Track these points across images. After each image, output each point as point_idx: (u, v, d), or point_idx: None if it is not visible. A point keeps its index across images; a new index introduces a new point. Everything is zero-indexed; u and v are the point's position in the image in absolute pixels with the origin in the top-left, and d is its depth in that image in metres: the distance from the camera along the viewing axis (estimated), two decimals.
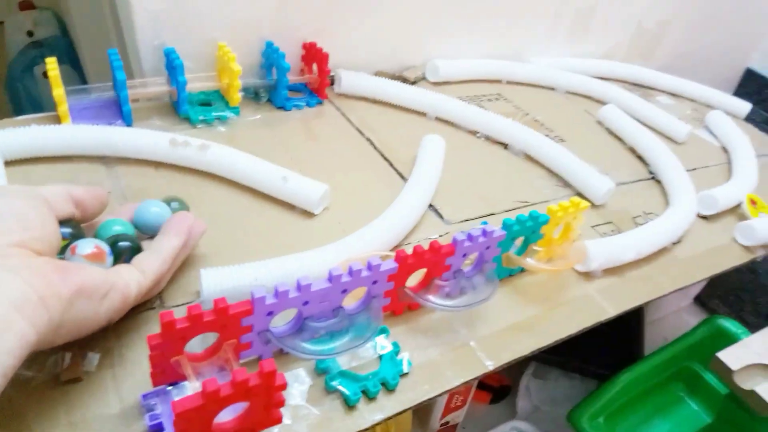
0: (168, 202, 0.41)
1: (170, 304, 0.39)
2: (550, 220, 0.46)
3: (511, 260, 0.46)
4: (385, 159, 0.59)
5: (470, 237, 0.41)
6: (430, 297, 0.41)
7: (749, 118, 0.97)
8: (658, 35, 1.03)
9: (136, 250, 0.37)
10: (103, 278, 0.31)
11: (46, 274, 0.28)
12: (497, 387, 0.75)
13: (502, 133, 0.66)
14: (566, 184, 0.62)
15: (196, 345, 0.33)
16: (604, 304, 0.48)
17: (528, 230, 0.45)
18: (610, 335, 0.77)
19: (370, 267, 0.37)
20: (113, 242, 0.36)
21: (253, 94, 0.63)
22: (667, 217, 0.57)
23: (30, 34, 1.09)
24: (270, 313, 0.34)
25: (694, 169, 0.73)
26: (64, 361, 0.32)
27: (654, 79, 0.95)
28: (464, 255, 0.42)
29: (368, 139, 0.62)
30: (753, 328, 0.60)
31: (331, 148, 0.59)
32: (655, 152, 0.69)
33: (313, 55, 0.64)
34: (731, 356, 0.59)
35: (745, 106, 0.95)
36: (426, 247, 0.40)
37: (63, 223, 0.34)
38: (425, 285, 0.42)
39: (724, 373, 0.58)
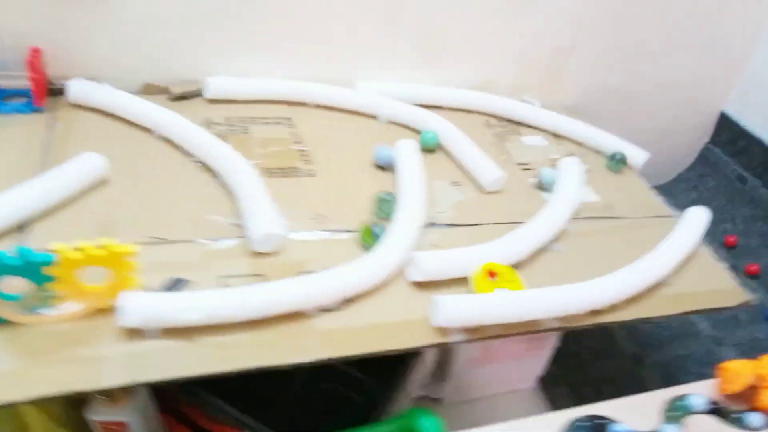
0: None
1: None
2: (61, 263, 0.39)
3: None
4: None
5: None
6: None
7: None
8: (562, 69, 0.88)
9: None
10: None
11: None
12: None
13: (212, 159, 0.58)
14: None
15: None
16: (111, 371, 0.40)
17: (12, 270, 0.38)
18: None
19: None
20: None
21: None
22: (311, 279, 0.47)
23: None
24: None
25: (478, 224, 0.61)
26: None
27: (531, 117, 0.82)
28: None
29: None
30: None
31: None
32: None
33: (34, 60, 0.61)
34: None
35: (642, 155, 0.78)
36: None
37: None
38: None
39: None
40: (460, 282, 0.53)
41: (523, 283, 0.53)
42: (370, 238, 0.54)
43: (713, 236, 1.03)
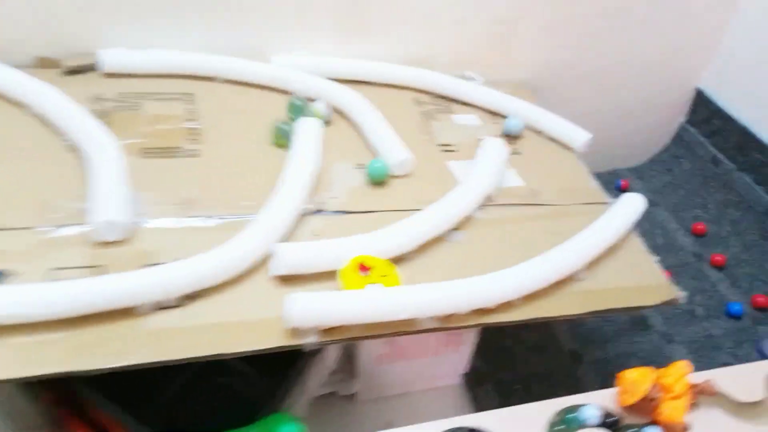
0: None
1: None
2: None
3: None
4: None
5: None
6: None
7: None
8: (509, 42, 0.81)
9: None
10: None
11: None
12: None
13: (79, 138, 0.54)
14: None
15: None
16: None
17: None
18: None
19: None
20: None
21: None
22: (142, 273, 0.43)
23: None
24: None
25: (373, 211, 0.56)
26: None
27: (467, 94, 0.75)
28: None
29: None
30: None
31: None
32: None
33: None
34: None
35: (583, 136, 0.72)
36: None
37: None
38: None
39: None
40: (334, 277, 0.48)
41: (400, 279, 0.48)
42: (281, 137, 0.58)
43: (682, 222, 0.96)
